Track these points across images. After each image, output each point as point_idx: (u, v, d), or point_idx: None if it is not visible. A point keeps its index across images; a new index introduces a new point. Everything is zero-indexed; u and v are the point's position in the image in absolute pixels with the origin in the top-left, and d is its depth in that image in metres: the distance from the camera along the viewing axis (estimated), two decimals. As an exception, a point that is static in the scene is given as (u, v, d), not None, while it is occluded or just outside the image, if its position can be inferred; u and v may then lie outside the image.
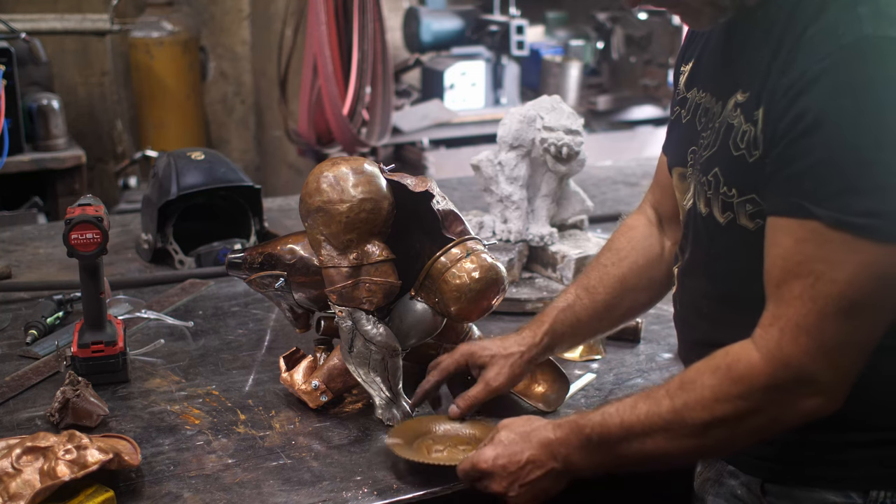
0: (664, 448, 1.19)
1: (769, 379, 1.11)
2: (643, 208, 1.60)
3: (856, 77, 1.03)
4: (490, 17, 4.61)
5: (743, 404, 1.13)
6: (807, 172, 1.06)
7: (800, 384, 1.10)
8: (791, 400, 1.12)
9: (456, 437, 1.47)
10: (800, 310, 1.08)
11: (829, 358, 1.09)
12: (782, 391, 1.11)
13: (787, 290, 1.09)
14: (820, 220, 1.05)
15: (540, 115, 2.05)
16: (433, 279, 1.52)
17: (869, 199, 1.03)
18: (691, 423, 1.16)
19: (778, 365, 1.10)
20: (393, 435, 1.44)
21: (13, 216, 3.56)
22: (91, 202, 1.66)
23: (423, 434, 1.47)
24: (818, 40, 1.06)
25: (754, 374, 1.12)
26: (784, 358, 1.10)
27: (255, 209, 2.35)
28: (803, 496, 1.21)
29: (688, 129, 1.31)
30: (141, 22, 4.70)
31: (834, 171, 1.04)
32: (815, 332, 1.08)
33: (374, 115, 4.18)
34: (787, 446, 1.22)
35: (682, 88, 1.37)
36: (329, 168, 1.52)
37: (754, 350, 1.13)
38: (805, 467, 1.21)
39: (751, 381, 1.12)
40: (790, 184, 1.08)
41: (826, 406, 1.12)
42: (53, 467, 1.29)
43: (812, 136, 1.05)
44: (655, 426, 1.19)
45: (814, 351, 1.08)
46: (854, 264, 1.04)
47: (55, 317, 1.91)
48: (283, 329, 1.92)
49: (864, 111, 1.03)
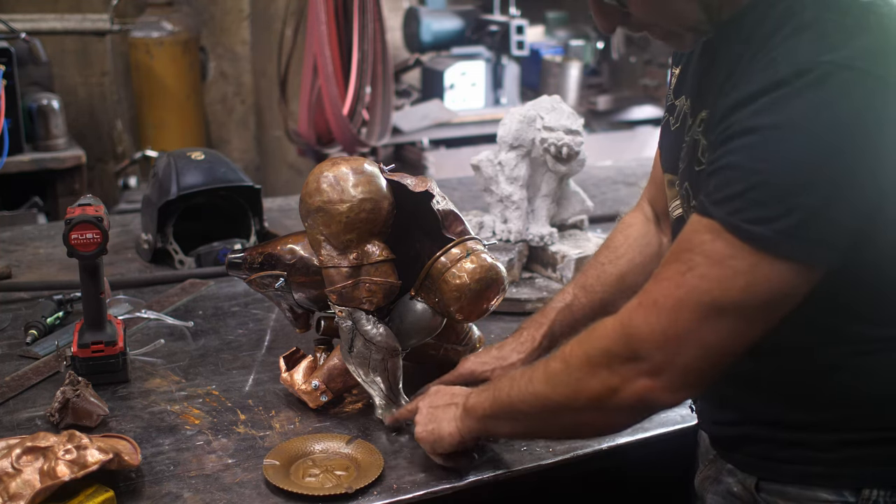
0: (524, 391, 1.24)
1: (609, 342, 1.13)
2: (640, 205, 1.61)
3: (790, 95, 1.02)
4: (490, 17, 4.61)
5: (586, 361, 1.16)
6: (716, 173, 1.07)
7: (634, 359, 1.11)
8: (624, 372, 1.12)
9: (335, 461, 1.43)
10: (663, 290, 1.09)
11: (670, 344, 1.08)
12: (617, 359, 1.12)
13: (663, 270, 1.11)
14: (714, 219, 1.05)
15: (540, 115, 2.05)
16: (433, 279, 1.52)
17: (764, 209, 1.02)
18: (549, 370, 1.22)
19: (621, 332, 1.12)
20: (272, 455, 1.42)
21: (13, 216, 3.56)
22: (91, 202, 1.66)
23: (303, 455, 1.44)
24: (760, 67, 1.06)
25: (601, 335, 1.15)
26: (629, 327, 1.12)
27: (255, 209, 2.35)
28: (796, 494, 1.22)
29: (676, 136, 1.32)
30: (141, 22, 4.70)
31: (739, 176, 1.04)
32: (666, 315, 1.08)
33: (374, 115, 4.18)
34: (779, 444, 1.22)
35: (671, 94, 1.38)
36: (329, 168, 1.52)
37: (614, 317, 1.15)
38: (797, 465, 1.21)
39: (596, 341, 1.16)
40: (705, 184, 1.10)
41: (659, 393, 1.11)
42: (53, 467, 1.29)
43: (730, 143, 1.06)
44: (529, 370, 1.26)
45: (658, 331, 1.09)
46: (729, 268, 1.05)
47: (55, 317, 1.91)
48: (283, 329, 1.92)
49: (787, 125, 1.02)
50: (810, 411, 1.19)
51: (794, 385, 1.20)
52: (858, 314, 1.14)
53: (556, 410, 1.22)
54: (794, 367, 1.19)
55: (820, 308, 1.14)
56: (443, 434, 1.36)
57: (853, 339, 1.15)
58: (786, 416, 1.21)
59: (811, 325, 1.15)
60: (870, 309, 1.14)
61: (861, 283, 1.12)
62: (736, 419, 1.27)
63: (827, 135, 1.01)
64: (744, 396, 1.25)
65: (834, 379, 1.17)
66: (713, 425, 1.34)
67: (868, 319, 1.14)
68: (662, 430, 1.54)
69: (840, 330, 1.15)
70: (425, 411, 1.40)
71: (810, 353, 1.17)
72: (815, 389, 1.19)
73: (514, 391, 1.26)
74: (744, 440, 1.27)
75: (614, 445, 1.51)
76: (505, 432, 1.38)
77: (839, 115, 1.01)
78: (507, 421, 1.30)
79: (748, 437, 1.26)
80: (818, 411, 1.19)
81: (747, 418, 1.25)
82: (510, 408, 1.27)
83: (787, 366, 1.19)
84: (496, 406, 1.29)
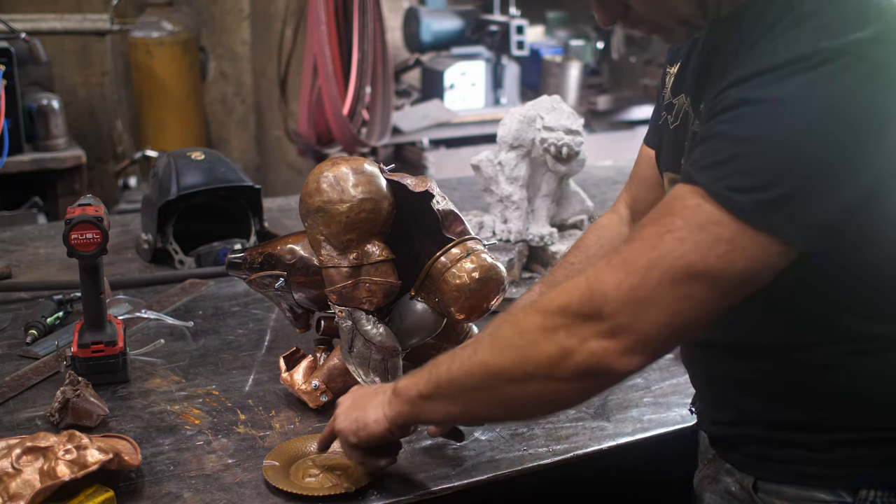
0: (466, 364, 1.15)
1: (570, 298, 1.07)
2: (617, 207, 1.58)
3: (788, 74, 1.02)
4: (490, 17, 4.61)
5: (540, 320, 1.09)
6: (704, 142, 1.06)
7: (593, 316, 1.05)
8: (581, 332, 1.06)
9: (335, 461, 1.42)
10: (636, 250, 1.05)
11: (634, 305, 1.03)
12: (574, 316, 1.06)
13: (639, 232, 1.07)
14: (699, 185, 1.04)
15: (540, 115, 2.05)
16: (433, 279, 1.52)
17: (746, 178, 1.01)
18: (497, 337, 1.14)
19: (585, 289, 1.06)
20: (271, 456, 1.42)
21: (13, 216, 3.55)
22: (91, 202, 1.66)
23: (303, 455, 1.44)
24: (758, 54, 1.06)
25: (562, 293, 1.09)
26: (594, 284, 1.06)
27: (255, 209, 2.35)
28: (793, 494, 1.21)
29: (676, 135, 1.32)
30: (141, 22, 4.70)
31: (724, 145, 1.04)
32: (635, 274, 1.04)
33: (374, 115, 4.18)
34: (776, 444, 1.22)
35: (668, 93, 1.37)
36: (329, 168, 1.52)
37: (580, 275, 1.10)
38: (794, 465, 1.21)
39: (555, 298, 1.09)
40: (692, 154, 1.09)
41: (614, 357, 1.05)
42: (53, 467, 1.29)
43: (721, 115, 1.05)
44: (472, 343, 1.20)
45: (624, 289, 1.04)
46: (711, 234, 1.02)
47: (55, 317, 1.91)
48: (283, 329, 1.92)
49: (780, 100, 1.02)
50: (806, 411, 1.19)
51: (790, 384, 1.20)
52: (857, 311, 1.14)
53: (499, 381, 1.13)
54: (791, 367, 1.19)
55: (819, 305, 1.14)
56: (367, 421, 1.26)
57: (851, 337, 1.15)
58: (783, 415, 1.21)
59: (809, 323, 1.15)
60: (867, 306, 1.14)
61: (860, 280, 1.12)
62: (734, 419, 1.27)
63: (820, 114, 1.01)
64: (742, 397, 1.25)
65: (829, 379, 1.17)
66: (712, 425, 1.34)
67: (866, 317, 1.14)
68: (662, 430, 1.55)
69: (838, 327, 1.15)
70: (348, 401, 1.32)
71: (807, 351, 1.17)
72: (810, 389, 1.19)
73: (455, 365, 1.17)
74: (742, 440, 1.27)
75: (614, 445, 1.51)
76: (439, 415, 1.25)
77: (834, 96, 1.00)
78: (443, 400, 1.19)
79: (746, 437, 1.26)
80: (814, 411, 1.19)
81: (745, 418, 1.25)
82: (449, 384, 1.17)
83: (784, 365, 1.19)
84: (431, 384, 1.19)
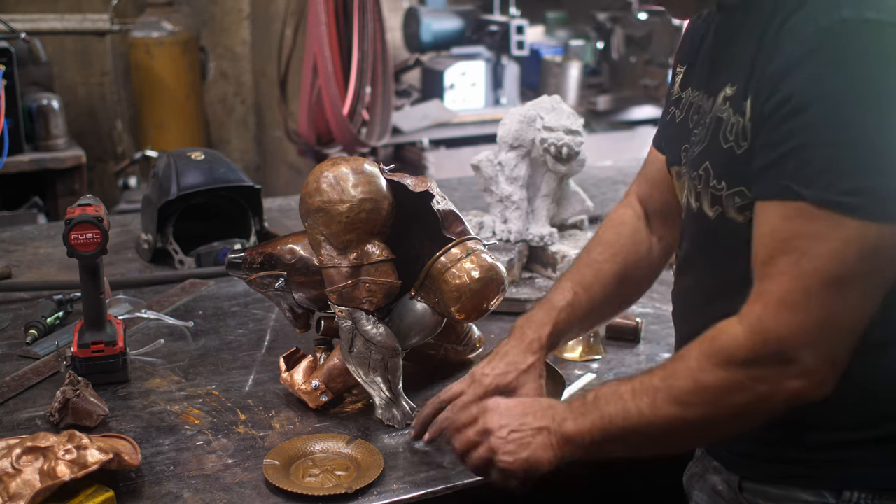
0: (648, 414, 1.17)
1: (749, 352, 1.10)
2: (629, 202, 1.58)
3: (835, 58, 1.04)
4: (490, 17, 4.60)
5: (724, 376, 1.12)
6: (791, 154, 1.07)
7: (781, 361, 1.09)
8: (773, 378, 1.10)
9: (335, 461, 1.43)
10: (784, 285, 1.08)
11: (811, 336, 1.07)
12: (763, 366, 1.10)
13: (773, 267, 1.09)
14: (805, 200, 1.05)
15: (540, 115, 2.05)
16: (433, 279, 1.52)
17: (852, 178, 1.04)
18: (676, 390, 1.15)
19: (758, 339, 1.09)
20: (272, 455, 1.42)
21: (13, 216, 3.56)
22: (91, 202, 1.66)
23: (303, 455, 1.44)
24: (798, 27, 1.07)
25: (735, 346, 1.11)
26: (765, 332, 1.09)
27: (255, 209, 2.35)
28: (778, 494, 1.22)
29: (680, 127, 1.33)
30: (141, 22, 4.70)
31: (818, 152, 1.05)
32: (798, 308, 1.07)
33: (374, 115, 4.18)
34: (762, 444, 1.22)
35: (677, 89, 1.38)
36: (329, 168, 1.52)
37: (738, 324, 1.12)
38: (779, 465, 1.22)
39: (732, 353, 1.11)
40: (776, 167, 1.09)
41: (812, 389, 1.10)
42: (53, 467, 1.29)
43: (795, 118, 1.06)
44: (643, 391, 1.18)
45: (796, 327, 1.07)
46: (838, 240, 1.05)
47: (55, 317, 1.91)
48: (283, 329, 1.92)
49: (843, 91, 1.04)
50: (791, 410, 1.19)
51: None
52: None
53: (686, 431, 1.18)
54: None
55: None
56: (540, 463, 1.25)
57: None
58: None
59: None
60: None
61: None
62: None
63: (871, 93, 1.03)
64: None
65: None
66: None
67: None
68: (662, 430, 1.54)
69: None
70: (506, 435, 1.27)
71: None
72: None
73: (631, 415, 1.18)
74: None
75: (614, 445, 1.51)
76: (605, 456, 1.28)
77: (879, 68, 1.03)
78: (615, 445, 1.22)
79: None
80: (799, 410, 1.18)
81: None
82: (623, 432, 1.19)
83: None
84: (606, 434, 1.21)
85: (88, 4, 4.71)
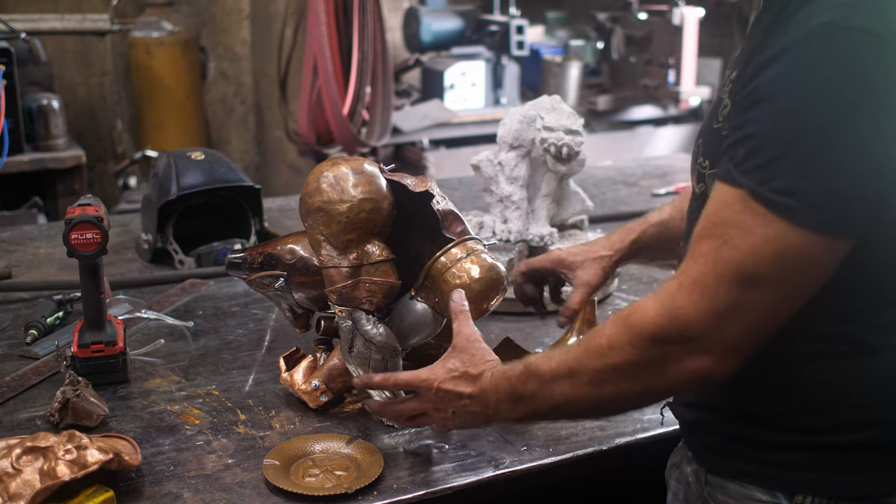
0: (568, 395, 1.20)
1: (656, 328, 1.11)
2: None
3: (806, 59, 1.04)
4: (490, 17, 4.60)
5: (632, 352, 1.13)
6: (742, 142, 1.08)
7: (685, 339, 1.10)
8: (676, 354, 1.11)
9: (335, 461, 1.43)
10: (701, 267, 1.09)
11: (717, 321, 1.08)
12: (667, 343, 1.11)
13: (698, 247, 1.10)
14: (743, 189, 1.06)
15: (540, 115, 2.05)
16: (433, 279, 1.52)
17: (788, 179, 1.04)
18: (589, 369, 1.18)
19: (666, 315, 1.11)
20: (272, 455, 1.43)
21: (13, 216, 3.56)
22: (91, 202, 1.66)
23: (303, 455, 1.45)
24: (794, 22, 1.07)
25: (644, 323, 1.12)
26: (674, 309, 1.10)
27: (255, 209, 2.35)
28: (735, 490, 1.22)
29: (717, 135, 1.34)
30: (141, 22, 4.70)
31: (764, 145, 1.05)
32: (708, 292, 1.08)
33: (374, 115, 4.18)
34: (723, 437, 1.23)
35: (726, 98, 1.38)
36: (329, 168, 1.51)
37: (651, 300, 1.13)
38: (738, 462, 1.22)
39: (640, 329, 1.13)
40: (730, 150, 1.10)
41: (713, 370, 1.10)
42: (53, 467, 1.29)
43: (755, 109, 1.07)
44: (561, 373, 1.21)
45: (704, 309, 1.08)
46: (760, 237, 1.05)
47: (55, 317, 1.91)
48: (283, 329, 1.92)
49: (804, 93, 1.04)
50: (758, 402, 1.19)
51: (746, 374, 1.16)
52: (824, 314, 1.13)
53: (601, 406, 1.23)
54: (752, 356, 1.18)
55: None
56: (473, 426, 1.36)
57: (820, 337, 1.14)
58: (735, 405, 1.21)
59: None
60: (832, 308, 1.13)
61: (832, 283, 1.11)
62: (693, 401, 1.28)
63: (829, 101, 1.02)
64: None
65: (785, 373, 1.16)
66: (678, 406, 1.34)
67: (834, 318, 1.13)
68: (662, 430, 1.55)
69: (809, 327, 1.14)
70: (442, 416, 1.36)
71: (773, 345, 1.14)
72: (765, 381, 1.18)
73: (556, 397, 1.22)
74: (698, 427, 1.28)
75: (614, 446, 1.51)
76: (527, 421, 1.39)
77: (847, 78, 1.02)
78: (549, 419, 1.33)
79: (702, 423, 1.27)
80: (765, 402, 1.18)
81: (701, 401, 1.26)
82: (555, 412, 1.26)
83: None
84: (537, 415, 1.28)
85: (88, 4, 4.71)
